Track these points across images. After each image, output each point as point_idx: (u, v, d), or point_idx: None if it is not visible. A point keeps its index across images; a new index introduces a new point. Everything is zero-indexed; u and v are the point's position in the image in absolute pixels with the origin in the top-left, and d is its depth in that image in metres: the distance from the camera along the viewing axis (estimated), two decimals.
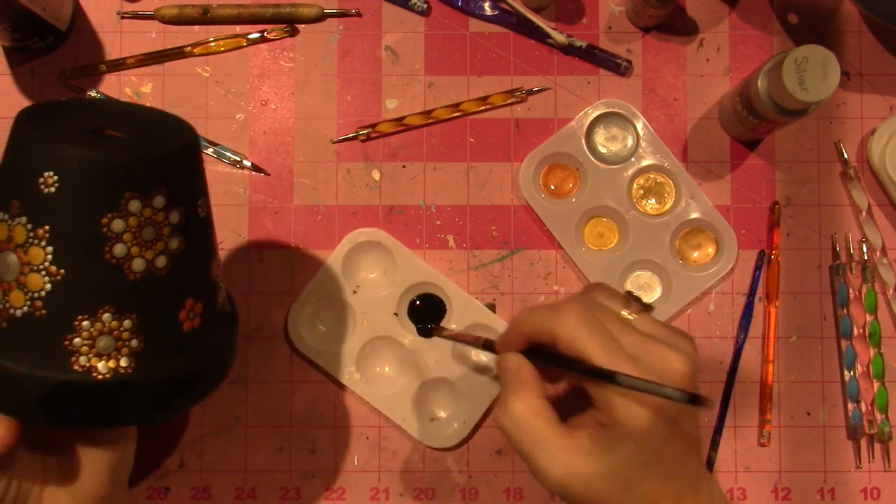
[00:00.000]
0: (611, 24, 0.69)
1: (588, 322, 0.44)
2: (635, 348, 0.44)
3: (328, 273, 0.66)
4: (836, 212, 0.68)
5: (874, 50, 0.69)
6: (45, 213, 0.44)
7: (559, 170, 0.68)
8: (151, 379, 0.47)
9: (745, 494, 0.67)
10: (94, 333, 0.45)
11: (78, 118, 0.50)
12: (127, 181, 0.45)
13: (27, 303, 0.44)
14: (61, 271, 0.44)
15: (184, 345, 0.48)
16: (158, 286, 0.46)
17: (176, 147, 0.47)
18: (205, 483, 0.66)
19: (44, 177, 0.44)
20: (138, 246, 0.45)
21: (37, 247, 0.44)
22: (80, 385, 0.45)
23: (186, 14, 0.68)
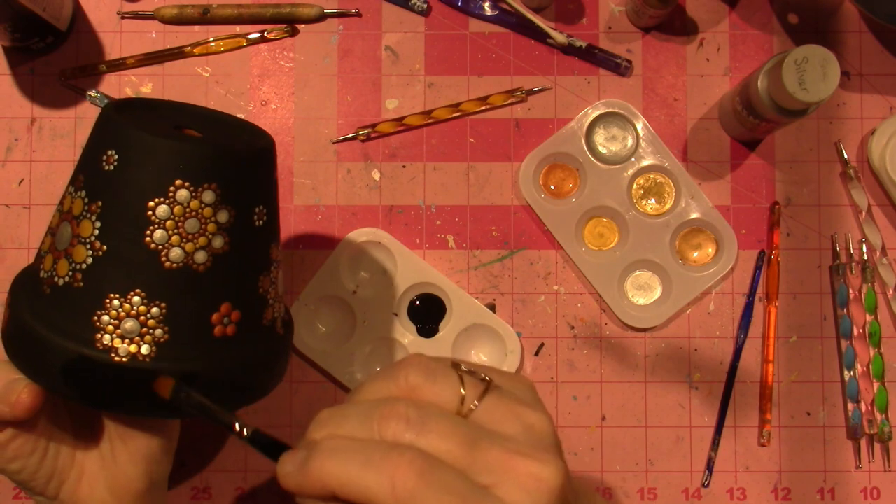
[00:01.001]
0: (611, 24, 0.69)
1: (428, 480, 0.32)
2: (493, 474, 0.33)
3: (328, 273, 0.66)
4: (836, 212, 0.68)
5: (874, 50, 0.69)
6: (101, 189, 0.45)
7: (559, 170, 0.68)
8: (169, 374, 0.46)
9: (745, 494, 0.67)
10: (121, 314, 0.45)
11: (166, 115, 0.51)
12: (179, 169, 0.45)
13: (69, 273, 0.45)
14: (104, 247, 0.45)
15: (212, 349, 0.48)
16: (194, 281, 0.46)
17: (237, 148, 0.48)
18: (205, 483, 0.66)
19: (107, 154, 0.45)
20: (179, 236, 0.45)
21: (88, 220, 0.45)
22: (98, 363, 0.45)
23: (186, 14, 0.68)
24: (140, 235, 0.45)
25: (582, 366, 0.67)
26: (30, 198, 0.67)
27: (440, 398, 0.34)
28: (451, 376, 0.35)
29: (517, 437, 0.34)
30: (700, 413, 0.67)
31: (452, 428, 0.33)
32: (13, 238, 0.67)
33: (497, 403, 0.35)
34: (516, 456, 0.33)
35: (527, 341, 0.67)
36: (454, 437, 0.33)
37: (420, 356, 0.36)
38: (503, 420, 0.35)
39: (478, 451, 0.33)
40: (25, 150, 0.67)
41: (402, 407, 0.33)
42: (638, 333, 0.67)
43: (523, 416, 0.35)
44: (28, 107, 0.68)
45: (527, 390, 0.37)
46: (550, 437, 0.35)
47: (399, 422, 0.33)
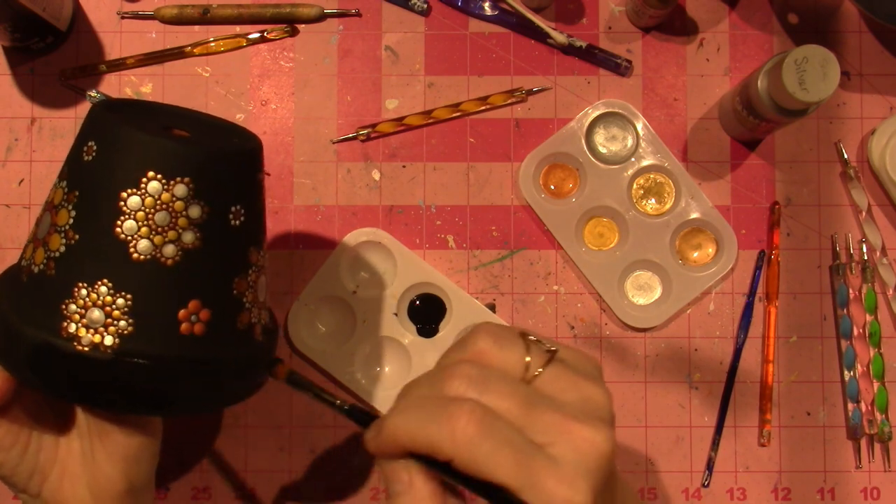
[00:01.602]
0: (611, 24, 0.69)
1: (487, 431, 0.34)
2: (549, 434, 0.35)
3: (328, 273, 0.66)
4: (836, 212, 0.68)
5: (874, 50, 0.69)
6: (79, 179, 0.46)
7: (559, 170, 0.68)
8: (131, 368, 0.46)
9: (745, 494, 0.67)
10: (87, 304, 0.45)
11: (156, 116, 0.52)
12: (152, 161, 0.46)
13: (44, 261, 0.46)
14: (76, 236, 0.45)
15: (176, 346, 0.47)
16: (161, 275, 0.46)
17: (214, 145, 0.48)
18: (205, 483, 0.66)
19: (87, 146, 0.46)
20: (148, 228, 0.45)
21: (65, 209, 0.46)
22: (61, 351, 0.45)
23: (186, 14, 0.68)
24: (111, 225, 0.45)
25: None
26: (30, 198, 0.67)
27: (506, 363, 0.37)
28: (518, 343, 0.37)
29: (574, 405, 0.36)
30: (700, 413, 0.67)
31: (513, 389, 0.36)
32: (13, 238, 0.67)
33: (559, 373, 0.37)
34: (571, 420, 0.35)
35: None
36: (514, 398, 0.35)
37: (491, 324, 0.38)
38: (563, 389, 0.37)
39: (536, 412, 0.35)
40: (25, 150, 0.67)
41: (466, 367, 0.36)
42: (638, 333, 0.67)
43: (583, 387, 0.37)
44: (28, 107, 0.68)
45: (591, 366, 0.39)
46: (606, 410, 0.37)
47: (462, 380, 0.35)
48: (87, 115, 0.49)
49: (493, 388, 0.36)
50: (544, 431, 0.35)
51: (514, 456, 0.34)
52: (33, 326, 0.46)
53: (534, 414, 0.35)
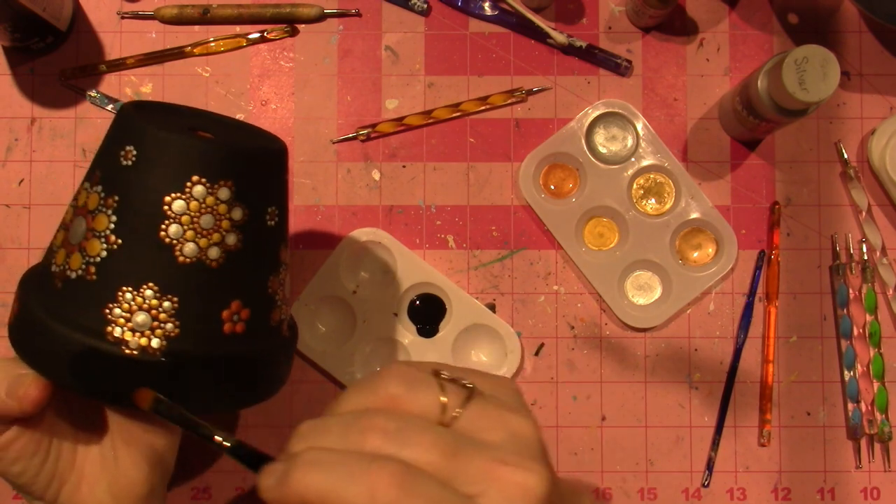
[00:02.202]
0: (611, 24, 0.69)
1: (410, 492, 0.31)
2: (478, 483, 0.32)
3: (328, 273, 0.66)
4: (836, 212, 0.68)
5: (874, 50, 0.69)
6: (118, 183, 0.46)
7: (559, 170, 0.68)
8: (177, 369, 0.46)
9: (745, 494, 0.67)
10: (133, 307, 0.45)
11: (181, 117, 0.52)
12: (196, 165, 0.46)
13: (83, 266, 0.46)
14: (118, 240, 0.45)
15: (221, 346, 0.48)
16: (206, 277, 0.47)
17: (253, 148, 0.49)
18: (205, 483, 0.66)
19: (125, 150, 0.46)
20: (194, 231, 0.46)
21: (103, 214, 0.46)
22: (108, 355, 0.45)
23: (186, 14, 0.68)
24: (155, 229, 0.45)
25: (582, 366, 0.67)
26: (30, 198, 0.67)
27: (421, 408, 0.34)
28: (432, 385, 0.34)
29: (502, 445, 0.33)
30: (700, 413, 0.67)
31: (434, 438, 0.33)
32: (13, 238, 0.67)
33: (480, 411, 0.34)
34: (500, 465, 0.33)
35: (527, 341, 0.67)
36: (436, 448, 0.32)
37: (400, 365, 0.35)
38: (487, 427, 0.34)
39: (461, 460, 0.32)
40: (25, 150, 0.67)
41: (381, 419, 0.33)
42: (638, 333, 0.67)
43: (508, 422, 0.34)
44: (28, 107, 0.68)
45: (512, 394, 0.36)
46: (536, 444, 0.34)
47: (378, 434, 0.32)
48: (118, 118, 0.48)
49: (413, 440, 0.32)
50: (473, 481, 0.32)
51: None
52: (76, 331, 0.45)
53: (459, 462, 0.32)
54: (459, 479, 0.32)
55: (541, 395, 0.67)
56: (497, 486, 0.32)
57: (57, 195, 0.67)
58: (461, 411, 0.34)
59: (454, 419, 0.34)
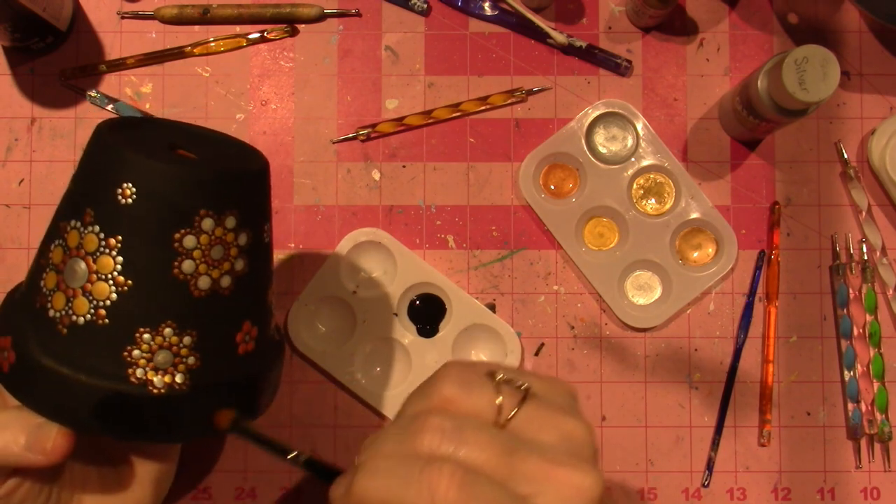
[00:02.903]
0: (611, 24, 0.69)
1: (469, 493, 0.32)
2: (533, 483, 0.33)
3: (328, 273, 0.66)
4: (836, 212, 0.68)
5: (874, 50, 0.69)
6: (119, 223, 0.44)
7: (559, 170, 0.68)
8: (203, 398, 0.47)
9: (745, 494, 0.67)
10: (153, 347, 0.45)
11: (154, 136, 0.50)
12: (204, 198, 0.45)
13: (91, 310, 0.44)
14: (128, 282, 0.44)
15: (236, 367, 0.48)
16: (220, 306, 0.46)
17: (250, 170, 0.48)
18: (205, 483, 0.66)
19: (122, 187, 0.44)
20: (206, 264, 0.45)
21: (107, 256, 0.44)
22: (136, 398, 0.45)
23: (186, 14, 0.68)
24: (168, 267, 0.44)
25: (582, 366, 0.67)
26: (30, 198, 0.67)
27: (476, 408, 0.34)
28: (487, 386, 0.35)
29: (556, 446, 0.34)
30: (700, 413, 0.67)
31: (489, 439, 0.33)
32: (13, 238, 0.67)
33: (535, 412, 0.35)
34: (555, 465, 0.33)
35: (527, 341, 0.67)
36: (491, 448, 0.33)
37: (455, 365, 0.35)
38: (541, 429, 0.34)
39: (516, 460, 0.33)
40: (25, 150, 0.67)
41: (437, 420, 0.33)
42: (638, 333, 0.67)
43: (562, 424, 0.35)
44: (28, 107, 0.68)
45: (566, 396, 0.37)
46: (589, 446, 0.35)
47: (435, 435, 0.33)
48: (100, 150, 0.46)
49: (469, 439, 0.33)
50: (528, 481, 0.33)
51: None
52: (95, 377, 0.44)
53: (514, 463, 0.33)
54: (515, 478, 0.33)
55: None
56: (552, 487, 0.33)
57: (57, 195, 0.67)
58: (516, 412, 0.34)
59: (509, 420, 0.34)
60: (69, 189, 0.47)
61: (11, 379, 0.46)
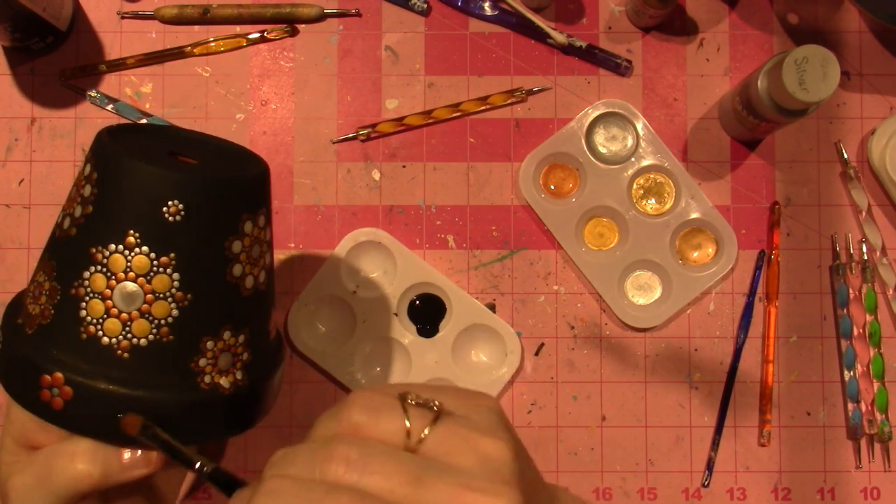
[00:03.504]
0: (611, 24, 0.69)
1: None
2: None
3: (328, 273, 0.66)
4: (836, 212, 0.68)
5: (874, 50, 0.69)
6: (170, 241, 0.44)
7: (559, 170, 0.68)
8: (257, 388, 0.48)
9: (745, 494, 0.67)
10: (216, 352, 0.46)
11: (154, 144, 0.49)
12: (243, 203, 0.46)
13: (153, 330, 0.44)
14: (188, 296, 0.44)
15: (271, 354, 0.51)
16: (260, 300, 0.48)
17: (265, 169, 0.49)
18: (204, 484, 0.66)
19: (168, 206, 0.43)
20: (250, 264, 0.47)
21: (162, 275, 0.44)
22: (207, 402, 0.46)
23: (186, 14, 0.68)
24: (223, 275, 0.45)
25: (582, 366, 0.67)
26: (30, 198, 0.67)
27: (385, 434, 0.33)
28: (395, 409, 0.33)
29: (470, 469, 0.33)
30: (700, 413, 0.67)
31: (396, 466, 0.32)
32: (13, 238, 0.67)
33: (448, 432, 0.33)
34: (466, 491, 0.32)
35: (527, 341, 0.67)
36: (398, 476, 0.32)
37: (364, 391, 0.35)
38: (455, 451, 0.33)
39: (424, 487, 0.32)
40: (25, 150, 0.67)
41: (343, 448, 0.32)
42: (638, 333, 0.67)
43: (478, 444, 0.33)
44: (28, 107, 0.68)
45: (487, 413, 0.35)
46: (508, 467, 0.33)
47: (341, 463, 0.32)
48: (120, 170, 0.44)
49: (375, 468, 0.32)
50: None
51: None
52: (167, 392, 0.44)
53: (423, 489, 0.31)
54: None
55: (541, 395, 0.67)
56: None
57: (57, 195, 0.67)
58: (427, 434, 0.33)
59: (420, 443, 0.33)
60: (90, 214, 0.44)
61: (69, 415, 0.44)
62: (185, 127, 0.67)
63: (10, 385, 0.45)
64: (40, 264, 0.47)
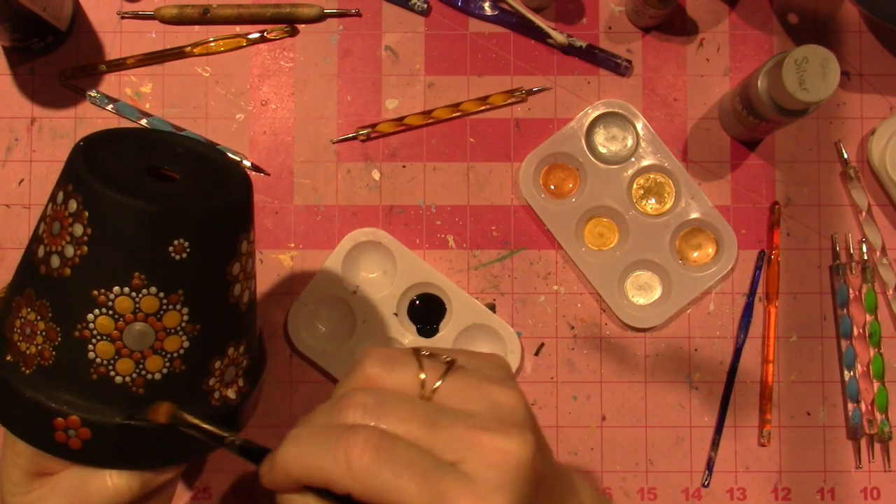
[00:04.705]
0: (611, 24, 0.69)
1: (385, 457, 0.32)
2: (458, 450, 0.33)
3: (328, 273, 0.66)
4: (836, 212, 0.68)
5: (874, 50, 0.69)
6: (178, 278, 0.43)
7: (559, 170, 0.68)
8: (255, 386, 0.50)
9: (745, 494, 0.67)
10: (223, 369, 0.47)
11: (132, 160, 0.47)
12: (240, 225, 0.46)
13: (166, 364, 0.44)
14: (196, 327, 0.44)
15: (262, 350, 0.52)
16: (252, 310, 0.49)
17: (249, 181, 0.48)
18: (205, 483, 0.66)
19: (174, 245, 0.42)
20: (246, 280, 0.47)
21: (172, 311, 0.43)
22: (221, 415, 0.47)
23: (186, 14, 0.68)
24: (225, 298, 0.46)
25: (582, 366, 0.67)
26: (30, 198, 0.67)
27: (400, 384, 0.35)
28: (410, 361, 0.35)
29: (482, 414, 0.34)
30: (700, 413, 0.67)
31: (411, 410, 0.33)
32: (13, 238, 0.67)
33: (460, 383, 0.35)
34: (480, 431, 0.33)
35: (527, 341, 0.67)
36: (414, 418, 0.33)
37: (378, 347, 0.36)
38: (468, 398, 0.34)
39: (440, 429, 0.33)
40: (25, 150, 0.67)
41: (359, 396, 0.34)
42: (638, 333, 0.67)
43: (489, 392, 0.35)
44: (28, 107, 0.68)
45: (497, 368, 0.37)
46: (521, 412, 0.35)
47: (357, 409, 0.33)
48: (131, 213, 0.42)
49: (390, 411, 0.33)
50: (453, 448, 0.33)
51: (419, 480, 0.32)
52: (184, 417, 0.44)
53: (438, 431, 0.33)
54: (439, 447, 0.33)
55: (541, 395, 0.67)
56: (478, 452, 0.33)
57: None
58: (440, 384, 0.34)
59: (434, 392, 0.34)
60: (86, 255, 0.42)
61: (89, 452, 0.44)
62: (184, 127, 0.67)
63: (16, 426, 0.44)
64: (25, 299, 0.44)
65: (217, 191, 0.46)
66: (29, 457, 0.45)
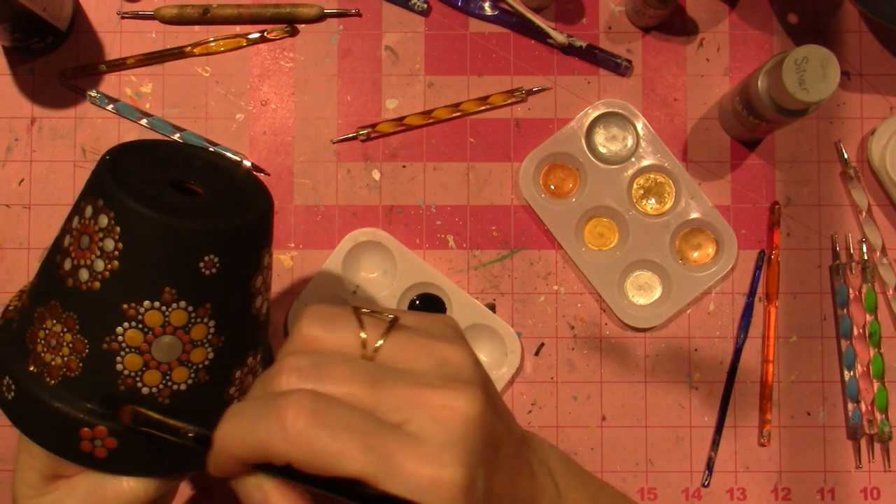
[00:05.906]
0: (611, 24, 0.69)
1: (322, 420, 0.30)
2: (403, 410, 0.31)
3: (328, 273, 0.66)
4: (836, 212, 0.68)
5: (874, 50, 0.69)
6: (207, 293, 0.44)
7: (559, 170, 0.68)
8: None
9: (745, 494, 0.67)
10: (243, 377, 0.47)
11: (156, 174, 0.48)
12: (264, 239, 0.47)
13: (192, 375, 0.45)
14: (221, 338, 0.45)
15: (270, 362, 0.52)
16: (268, 319, 0.50)
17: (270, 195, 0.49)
18: (205, 483, 0.66)
19: (205, 261, 0.43)
20: (266, 292, 0.48)
21: (200, 324, 0.44)
22: None
23: (186, 14, 0.68)
24: (248, 310, 0.46)
25: (582, 366, 0.67)
26: (30, 198, 0.67)
27: (339, 344, 0.33)
28: (349, 320, 0.33)
29: (428, 372, 0.32)
30: (700, 413, 0.67)
31: (351, 371, 0.31)
32: (13, 238, 0.67)
33: (405, 341, 0.33)
34: (426, 388, 0.31)
35: (527, 341, 0.67)
36: (354, 380, 0.31)
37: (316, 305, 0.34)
38: (413, 357, 0.33)
39: (383, 389, 0.31)
40: (25, 150, 0.67)
41: (293, 359, 0.32)
42: (638, 333, 0.67)
43: (435, 350, 0.33)
44: (28, 107, 0.68)
45: (444, 327, 0.35)
46: (469, 369, 0.33)
47: (291, 374, 0.31)
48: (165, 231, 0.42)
49: (328, 373, 0.31)
50: (397, 408, 0.31)
51: (361, 442, 0.30)
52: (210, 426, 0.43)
53: (381, 391, 0.31)
54: (383, 408, 0.31)
55: (541, 395, 0.67)
56: (424, 411, 0.31)
57: (57, 195, 0.67)
58: (382, 343, 0.32)
59: (376, 352, 0.32)
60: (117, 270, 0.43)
61: (116, 461, 0.44)
62: (184, 127, 0.67)
63: (40, 436, 0.45)
64: (50, 311, 0.44)
65: (241, 206, 0.47)
66: (45, 460, 0.45)
